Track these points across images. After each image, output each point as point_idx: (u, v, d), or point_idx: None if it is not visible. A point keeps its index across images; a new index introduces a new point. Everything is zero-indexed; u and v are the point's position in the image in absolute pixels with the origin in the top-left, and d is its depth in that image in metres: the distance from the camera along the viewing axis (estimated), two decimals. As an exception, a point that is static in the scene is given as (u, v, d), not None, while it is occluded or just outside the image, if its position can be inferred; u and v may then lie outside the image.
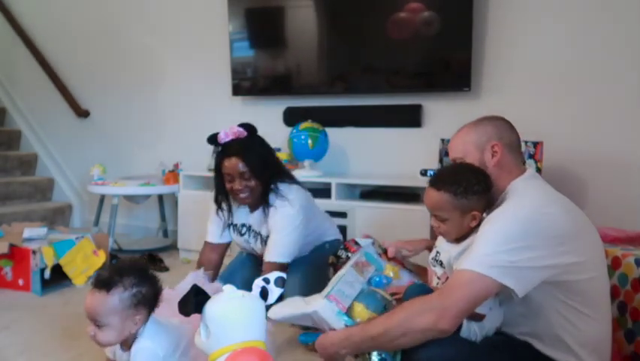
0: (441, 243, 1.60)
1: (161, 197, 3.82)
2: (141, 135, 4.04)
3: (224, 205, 2.21)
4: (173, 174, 3.56)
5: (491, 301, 1.40)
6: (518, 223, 1.31)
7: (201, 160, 3.69)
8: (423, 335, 1.29)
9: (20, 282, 2.75)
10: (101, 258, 2.98)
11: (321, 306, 1.44)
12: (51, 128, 4.45)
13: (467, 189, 1.43)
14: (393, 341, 1.33)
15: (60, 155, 4.44)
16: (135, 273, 1.47)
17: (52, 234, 3.04)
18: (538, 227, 1.30)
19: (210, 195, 3.30)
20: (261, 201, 2.13)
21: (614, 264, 1.76)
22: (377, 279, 1.60)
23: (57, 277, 2.80)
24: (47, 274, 2.75)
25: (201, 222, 3.31)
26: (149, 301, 1.48)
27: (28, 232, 2.88)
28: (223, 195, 2.19)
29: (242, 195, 2.07)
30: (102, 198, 3.64)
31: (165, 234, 3.89)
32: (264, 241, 2.16)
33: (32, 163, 4.41)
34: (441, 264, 1.57)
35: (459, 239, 1.51)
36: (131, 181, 3.55)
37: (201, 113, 3.78)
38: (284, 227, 2.09)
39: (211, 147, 3.54)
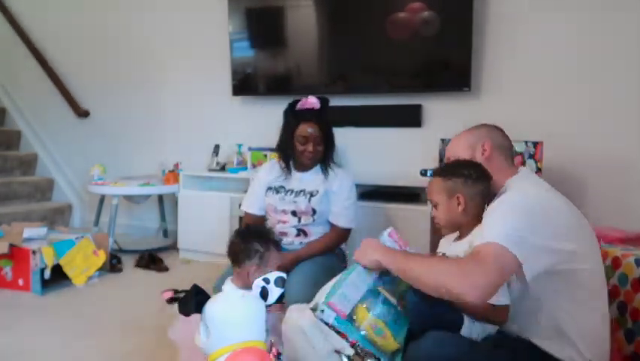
0: (443, 245, 1.63)
1: (161, 197, 3.83)
2: (141, 135, 4.04)
3: (283, 165, 2.42)
4: (173, 174, 3.56)
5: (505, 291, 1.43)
6: (525, 209, 1.36)
7: (201, 160, 3.70)
8: (452, 297, 1.31)
9: (20, 282, 2.75)
10: (101, 258, 2.98)
11: (308, 321, 1.43)
12: (51, 128, 4.45)
13: (454, 173, 1.54)
14: (422, 286, 1.35)
15: (60, 155, 4.44)
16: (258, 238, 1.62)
17: (52, 234, 3.05)
18: (544, 213, 1.35)
19: (210, 195, 3.34)
20: (316, 164, 2.38)
21: (614, 264, 1.76)
22: (384, 278, 1.50)
23: (57, 277, 2.80)
24: (47, 274, 2.75)
25: (201, 222, 3.34)
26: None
27: (28, 232, 2.88)
28: (287, 154, 2.39)
29: (310, 157, 2.32)
30: (102, 198, 3.64)
31: (165, 234, 3.90)
32: (311, 196, 2.34)
33: (32, 163, 4.41)
34: None
35: (461, 231, 1.56)
36: (131, 181, 3.55)
37: (201, 113, 3.78)
38: (351, 195, 2.36)
39: (211, 147, 3.59)
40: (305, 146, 2.32)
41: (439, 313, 1.38)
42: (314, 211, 2.31)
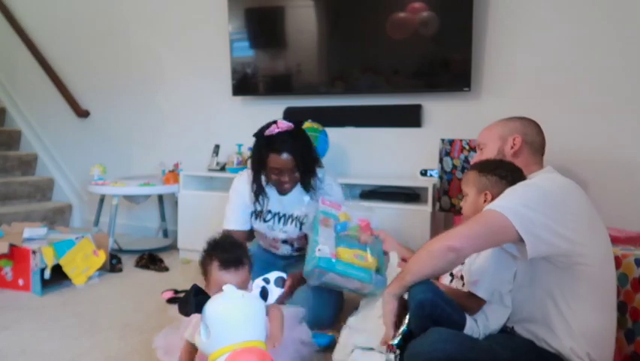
0: None
1: (161, 197, 3.83)
2: (141, 135, 4.04)
3: (260, 197, 2.31)
4: (173, 174, 3.56)
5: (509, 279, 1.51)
6: (539, 191, 1.40)
7: (201, 160, 3.70)
8: (438, 256, 1.38)
9: (20, 282, 2.75)
10: (101, 258, 2.98)
11: (316, 259, 1.81)
12: (51, 128, 4.45)
13: (491, 170, 1.58)
14: (425, 264, 1.41)
15: (60, 155, 4.44)
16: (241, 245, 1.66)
17: (52, 234, 3.04)
18: (557, 200, 1.38)
19: (210, 195, 3.34)
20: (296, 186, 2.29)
21: (614, 264, 1.76)
22: (338, 227, 2.00)
23: (57, 277, 2.80)
24: (47, 274, 2.75)
25: (201, 222, 3.33)
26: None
27: (28, 232, 2.87)
28: (260, 185, 2.29)
29: (286, 187, 2.23)
30: (102, 198, 3.64)
31: (165, 234, 3.90)
32: (301, 224, 2.29)
33: (32, 163, 4.41)
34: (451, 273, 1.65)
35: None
36: (131, 181, 3.55)
37: (201, 113, 3.78)
38: (341, 199, 2.27)
39: (211, 147, 3.59)
40: (279, 177, 2.20)
41: (441, 315, 1.39)
42: (307, 236, 2.18)
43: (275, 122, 2.20)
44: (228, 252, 1.59)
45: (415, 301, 1.40)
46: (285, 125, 2.17)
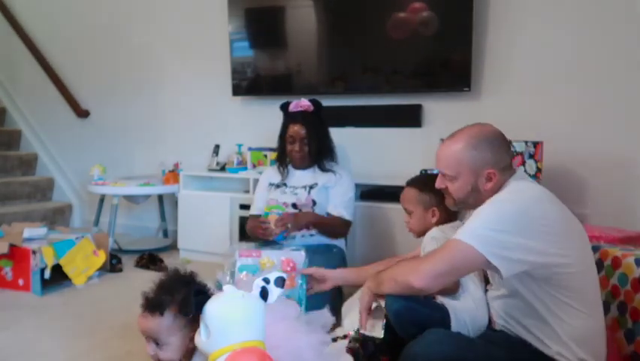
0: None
1: (161, 197, 3.82)
2: (141, 135, 4.04)
3: (281, 167, 2.57)
4: (173, 174, 3.56)
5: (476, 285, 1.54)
6: (512, 209, 1.34)
7: (201, 160, 3.70)
8: (403, 289, 1.39)
9: (20, 282, 2.75)
10: (101, 258, 2.98)
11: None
12: (51, 128, 4.45)
13: (432, 188, 1.59)
14: (394, 290, 1.42)
15: (60, 155, 4.44)
16: (183, 287, 1.38)
17: (52, 234, 3.05)
18: (532, 216, 1.33)
19: (210, 195, 3.34)
20: (312, 163, 2.53)
21: (614, 264, 1.76)
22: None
23: (57, 277, 2.80)
24: (47, 274, 2.75)
25: (201, 222, 3.33)
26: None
27: (28, 232, 2.87)
28: (283, 156, 2.56)
29: (298, 157, 2.48)
30: (102, 198, 3.64)
31: (165, 234, 3.90)
32: (310, 188, 2.48)
33: (32, 163, 4.41)
34: None
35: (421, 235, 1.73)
36: (131, 181, 3.55)
37: (201, 113, 3.78)
38: (349, 189, 2.50)
39: (211, 147, 3.59)
40: (292, 145, 2.47)
41: (420, 317, 1.42)
42: (314, 202, 2.41)
43: (300, 99, 2.54)
44: (155, 293, 1.41)
45: (392, 311, 1.43)
46: (305, 103, 2.50)
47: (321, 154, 2.52)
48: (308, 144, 2.47)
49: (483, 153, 1.43)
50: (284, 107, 2.57)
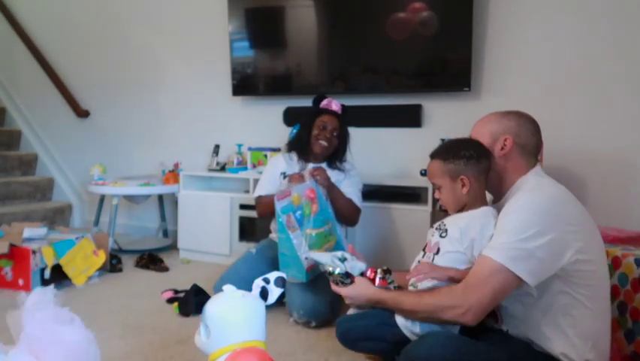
0: (428, 238, 1.66)
1: (160, 197, 3.83)
2: (141, 135, 4.04)
3: (301, 158, 2.61)
4: (173, 174, 3.56)
5: None
6: (534, 211, 1.36)
7: (201, 160, 3.70)
8: (451, 320, 1.42)
9: (20, 282, 2.75)
10: (101, 258, 2.98)
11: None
12: (51, 128, 4.45)
13: (455, 155, 1.53)
14: (418, 318, 1.50)
15: (60, 155, 4.44)
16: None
17: (52, 234, 3.04)
18: (553, 213, 1.36)
19: (210, 195, 3.34)
20: (325, 159, 2.59)
21: (614, 264, 1.76)
22: (298, 215, 2.12)
23: (57, 277, 2.79)
24: (47, 274, 2.75)
25: (201, 222, 3.33)
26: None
27: (28, 232, 2.87)
28: (305, 147, 2.59)
29: (324, 144, 2.52)
30: (102, 198, 3.64)
31: (165, 234, 3.90)
32: None
33: (32, 163, 4.41)
34: (445, 232, 1.57)
35: (459, 211, 1.57)
36: (131, 181, 3.55)
37: (201, 113, 3.78)
38: (359, 182, 2.60)
39: (211, 147, 3.59)
40: (322, 132, 2.51)
41: (364, 334, 1.61)
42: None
43: (332, 99, 2.61)
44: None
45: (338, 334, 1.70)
46: (338, 104, 2.61)
47: (337, 153, 2.58)
48: (337, 137, 2.55)
49: (506, 120, 1.55)
50: (316, 101, 2.62)
